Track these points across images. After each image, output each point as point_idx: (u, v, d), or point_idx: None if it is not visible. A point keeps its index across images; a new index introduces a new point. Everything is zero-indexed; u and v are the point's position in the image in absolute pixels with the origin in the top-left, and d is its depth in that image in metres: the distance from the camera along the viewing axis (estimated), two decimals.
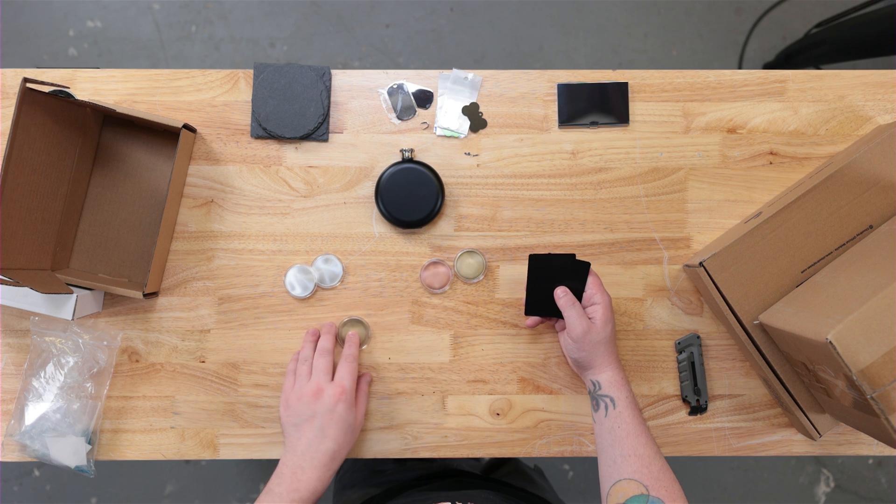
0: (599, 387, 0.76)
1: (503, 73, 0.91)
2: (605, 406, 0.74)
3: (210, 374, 0.89)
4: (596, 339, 0.76)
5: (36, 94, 0.76)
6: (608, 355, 0.77)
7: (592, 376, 0.77)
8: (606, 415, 0.74)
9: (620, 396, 0.74)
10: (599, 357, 0.77)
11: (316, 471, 0.73)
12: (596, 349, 0.76)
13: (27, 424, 0.85)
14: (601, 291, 0.78)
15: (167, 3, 1.83)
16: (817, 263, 0.80)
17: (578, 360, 0.78)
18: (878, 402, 0.64)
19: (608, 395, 0.74)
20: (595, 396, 0.76)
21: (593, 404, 0.76)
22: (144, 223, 0.89)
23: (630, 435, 0.71)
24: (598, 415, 0.75)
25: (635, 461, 0.69)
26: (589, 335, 0.76)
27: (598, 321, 0.76)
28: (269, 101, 0.89)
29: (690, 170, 0.91)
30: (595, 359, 0.77)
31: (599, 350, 0.76)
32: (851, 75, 0.91)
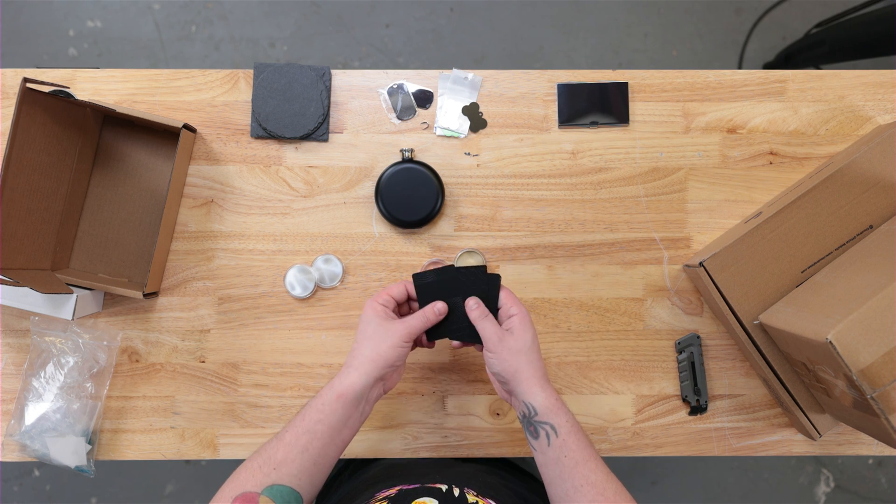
0: (535, 412, 0.68)
1: (503, 73, 0.91)
2: (545, 434, 0.68)
3: (210, 374, 0.89)
4: (515, 348, 0.70)
5: (36, 94, 0.76)
6: (533, 370, 0.70)
7: (524, 397, 0.69)
8: (549, 444, 0.67)
9: (561, 423, 0.67)
10: (524, 371, 0.69)
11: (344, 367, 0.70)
12: (517, 359, 0.69)
13: (27, 424, 0.85)
14: (517, 304, 0.72)
15: (167, 3, 1.83)
16: (817, 263, 0.80)
17: (501, 374, 0.70)
18: (878, 402, 0.64)
19: (547, 423, 0.68)
20: (532, 423, 0.69)
21: (530, 431, 0.69)
22: (144, 223, 0.89)
23: (579, 464, 0.66)
24: (538, 443, 0.68)
25: (590, 490, 0.64)
26: (505, 342, 0.70)
27: (516, 330, 0.70)
28: (269, 101, 0.89)
29: (690, 170, 0.91)
30: (519, 372, 0.69)
31: (521, 361, 0.70)
32: (851, 75, 0.91)
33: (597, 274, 0.90)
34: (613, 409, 0.90)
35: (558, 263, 0.90)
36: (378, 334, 0.70)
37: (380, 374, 0.69)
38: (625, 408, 0.90)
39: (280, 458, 0.65)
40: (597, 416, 0.90)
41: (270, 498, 0.63)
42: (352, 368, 0.69)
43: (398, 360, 0.70)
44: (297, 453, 0.65)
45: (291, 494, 0.64)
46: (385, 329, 0.70)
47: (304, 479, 0.65)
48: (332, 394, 0.68)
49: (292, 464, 0.65)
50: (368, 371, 0.69)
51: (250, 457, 0.66)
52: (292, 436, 0.66)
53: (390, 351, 0.69)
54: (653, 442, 0.90)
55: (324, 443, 0.66)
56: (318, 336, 0.89)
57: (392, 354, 0.69)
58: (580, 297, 0.90)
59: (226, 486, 0.64)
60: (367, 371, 0.69)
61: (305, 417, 0.67)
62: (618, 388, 0.90)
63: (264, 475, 0.63)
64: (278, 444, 0.66)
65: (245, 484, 0.63)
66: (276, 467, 0.64)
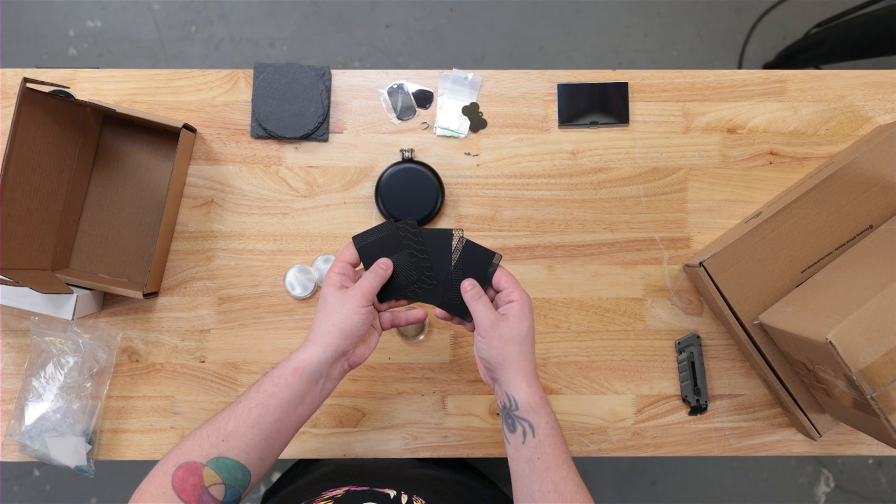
0: (516, 406, 0.66)
1: (503, 73, 0.91)
2: (522, 431, 0.65)
3: (210, 374, 0.89)
4: (508, 336, 0.66)
5: (36, 94, 0.76)
6: (523, 362, 0.67)
7: (508, 389, 0.66)
8: (524, 442, 0.65)
9: (540, 423, 0.65)
10: (513, 362, 0.66)
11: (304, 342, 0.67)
12: (508, 348, 0.66)
13: (27, 424, 0.85)
14: (518, 290, 0.69)
15: (167, 3, 1.83)
16: (817, 263, 0.80)
17: (488, 360, 0.67)
18: (878, 402, 0.64)
19: (526, 420, 0.65)
20: (511, 416, 0.66)
21: (508, 423, 0.66)
22: (144, 223, 0.89)
23: (550, 469, 0.63)
24: (513, 437, 0.66)
25: (556, 498, 0.62)
26: (498, 328, 0.66)
27: (513, 317, 0.67)
28: (269, 101, 0.89)
29: (690, 170, 0.91)
30: (508, 362, 0.66)
31: (512, 351, 0.66)
32: (851, 75, 0.91)
33: (597, 274, 0.90)
34: (613, 409, 0.90)
35: (558, 263, 0.90)
36: (333, 305, 0.66)
37: (340, 348, 0.65)
38: (625, 408, 0.90)
39: (230, 430, 0.61)
40: (597, 416, 0.90)
41: (215, 470, 0.60)
42: (310, 342, 0.65)
43: (358, 329, 0.66)
44: (248, 426, 0.62)
45: (238, 469, 0.61)
46: (340, 298, 0.66)
47: (254, 454, 0.62)
48: (288, 367, 0.64)
49: (242, 437, 0.61)
50: (326, 345, 0.64)
51: (201, 424, 0.63)
52: (244, 407, 0.62)
53: (347, 320, 0.65)
54: (653, 442, 0.90)
55: (276, 418, 0.63)
56: None
57: (350, 323, 0.65)
58: (580, 297, 0.90)
59: (171, 453, 0.61)
60: (325, 344, 0.64)
61: (260, 389, 0.63)
62: (618, 388, 0.90)
63: (211, 446, 0.60)
64: (230, 414, 0.62)
65: (190, 453, 0.60)
66: (225, 439, 0.61)
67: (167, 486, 0.59)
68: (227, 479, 0.61)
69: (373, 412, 0.89)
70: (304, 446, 0.89)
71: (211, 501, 0.60)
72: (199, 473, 0.59)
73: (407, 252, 0.70)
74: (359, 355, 0.69)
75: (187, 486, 0.59)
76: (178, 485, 0.59)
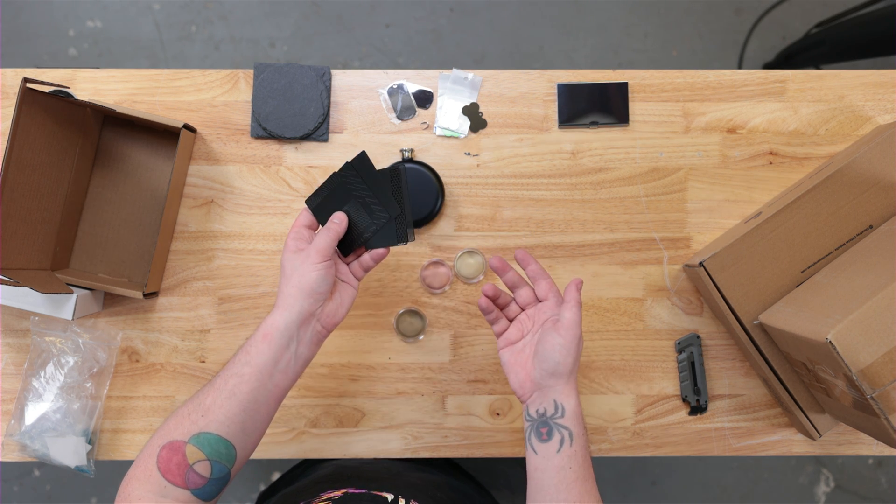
0: (562, 413, 0.64)
1: (503, 73, 0.91)
2: (560, 439, 0.63)
3: (210, 374, 0.89)
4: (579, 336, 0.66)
5: (36, 94, 0.76)
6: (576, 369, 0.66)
7: (558, 396, 0.64)
8: (559, 450, 0.63)
9: (579, 433, 0.64)
10: (573, 366, 0.65)
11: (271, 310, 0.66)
12: (576, 350, 0.65)
13: (27, 424, 0.85)
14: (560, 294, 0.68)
15: (167, 3, 1.83)
16: (817, 263, 0.80)
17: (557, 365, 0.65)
18: (878, 402, 0.64)
19: (568, 428, 0.63)
20: (551, 424, 0.64)
21: (542, 433, 0.64)
22: (144, 223, 0.89)
23: (580, 479, 0.63)
24: (545, 446, 0.64)
25: None
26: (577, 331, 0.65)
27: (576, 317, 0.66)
28: (269, 101, 0.89)
29: (690, 170, 0.91)
30: (572, 369, 0.65)
31: (576, 354, 0.65)
32: (851, 75, 0.91)
33: (597, 274, 0.90)
34: (613, 409, 0.90)
35: (558, 263, 0.90)
36: (290, 268, 0.65)
37: (305, 308, 0.64)
38: (625, 408, 0.90)
39: (208, 404, 0.60)
40: (597, 416, 0.90)
41: (197, 447, 0.59)
42: (275, 308, 0.65)
43: (319, 286, 0.64)
44: (225, 398, 0.61)
45: (220, 442, 0.60)
46: (296, 259, 0.65)
47: (235, 427, 0.61)
48: (258, 335, 0.63)
49: (220, 410, 0.60)
50: (290, 306, 0.64)
51: (182, 403, 0.62)
52: (221, 380, 0.62)
53: (305, 277, 0.64)
54: (653, 442, 0.90)
55: (252, 387, 0.61)
56: None
57: (309, 280, 0.64)
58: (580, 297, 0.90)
59: (155, 436, 0.61)
60: (288, 306, 0.64)
61: (235, 361, 0.63)
62: (618, 388, 0.90)
63: (192, 422, 0.60)
64: (209, 388, 0.62)
65: (173, 432, 0.59)
66: (204, 413, 0.60)
67: (153, 467, 0.58)
68: (211, 454, 0.60)
69: (373, 412, 0.89)
70: (303, 446, 0.89)
71: (197, 479, 0.59)
72: (181, 451, 0.59)
73: (357, 200, 0.70)
74: (330, 314, 0.67)
75: (172, 466, 0.58)
76: (163, 465, 0.58)
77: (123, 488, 0.59)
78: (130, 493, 0.58)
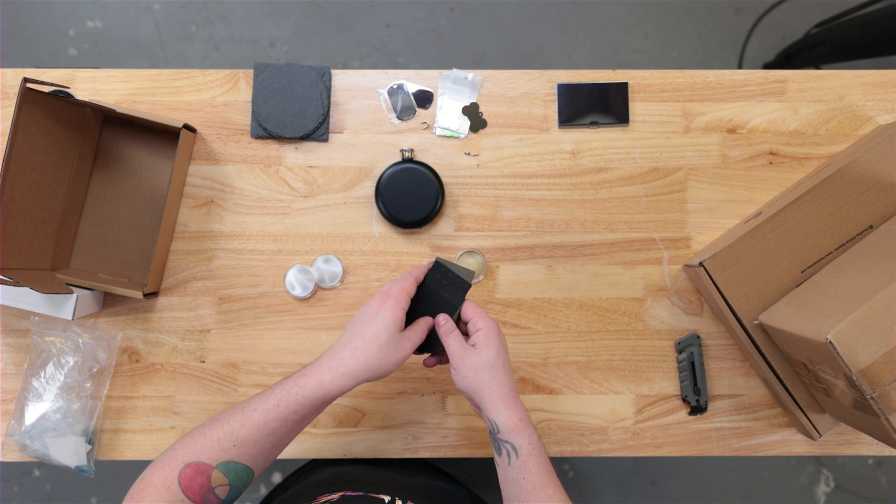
0: (498, 429, 0.67)
1: (503, 73, 0.91)
2: (506, 453, 0.67)
3: (210, 374, 0.89)
4: (477, 364, 0.68)
5: (36, 94, 0.76)
6: (497, 387, 0.68)
7: (488, 414, 0.68)
8: (510, 463, 0.67)
9: (522, 444, 0.66)
10: (486, 388, 0.68)
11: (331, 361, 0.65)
12: (479, 376, 0.68)
13: (27, 424, 0.85)
14: (483, 318, 0.70)
15: (167, 3, 1.83)
16: (817, 263, 0.80)
17: (464, 391, 0.69)
18: (878, 402, 0.64)
19: (509, 442, 0.67)
20: (496, 440, 0.68)
21: (495, 447, 0.69)
22: (144, 223, 0.89)
23: (536, 488, 0.65)
24: (500, 459, 0.68)
25: None
26: (467, 359, 0.68)
27: (480, 345, 0.68)
28: (269, 101, 0.89)
29: (690, 170, 0.91)
30: (482, 389, 0.68)
31: (483, 378, 0.68)
32: (851, 75, 0.91)
33: (597, 274, 0.90)
34: (613, 409, 0.90)
35: (558, 263, 0.90)
36: (390, 348, 0.65)
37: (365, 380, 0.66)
38: (625, 408, 0.90)
39: (243, 437, 0.62)
40: (597, 416, 0.90)
41: (224, 473, 0.61)
42: (347, 370, 0.64)
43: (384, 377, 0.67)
44: (262, 436, 0.62)
45: (245, 472, 0.62)
46: (396, 344, 0.66)
47: (262, 459, 0.63)
48: (317, 392, 0.64)
49: (254, 445, 0.62)
50: (360, 378, 0.65)
51: (211, 423, 0.63)
52: (261, 418, 0.63)
53: (390, 367, 0.66)
54: (653, 442, 0.90)
55: (291, 429, 0.64)
56: (318, 336, 0.89)
57: (389, 370, 0.66)
58: (580, 297, 0.90)
59: (179, 449, 0.61)
60: (359, 378, 0.65)
61: (280, 404, 0.63)
62: (618, 388, 0.90)
63: (222, 450, 0.61)
64: (244, 421, 0.62)
65: (200, 454, 0.61)
66: (237, 444, 0.61)
67: (173, 481, 0.59)
68: (234, 480, 0.62)
69: (373, 412, 0.89)
70: (303, 446, 0.89)
71: (214, 500, 0.61)
72: (207, 475, 0.60)
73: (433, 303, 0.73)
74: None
75: (194, 485, 0.60)
76: (185, 482, 0.60)
77: (138, 491, 0.60)
78: (145, 497, 0.59)
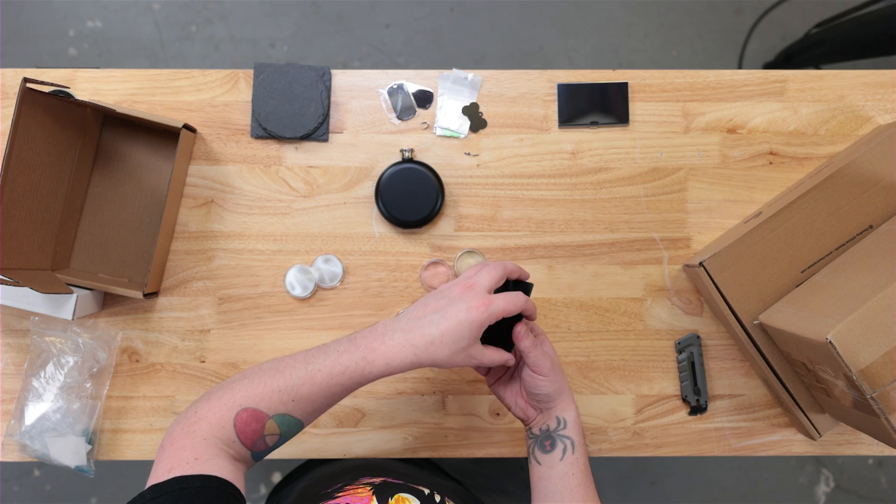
0: (564, 426, 0.69)
1: (503, 73, 0.91)
2: (563, 448, 0.68)
3: (210, 374, 0.89)
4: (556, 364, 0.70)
5: (36, 94, 0.76)
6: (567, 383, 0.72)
7: (560, 412, 0.69)
8: (562, 458, 0.68)
9: (580, 441, 0.69)
10: (566, 387, 0.71)
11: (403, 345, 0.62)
12: (560, 376, 0.70)
13: (27, 424, 0.85)
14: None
15: (167, 3, 1.83)
16: (817, 263, 0.80)
17: (549, 395, 0.69)
18: (878, 402, 0.64)
19: (570, 437, 0.68)
20: (555, 436, 0.69)
21: (545, 445, 0.69)
22: (144, 223, 0.89)
23: (582, 484, 0.67)
24: (549, 457, 0.68)
25: None
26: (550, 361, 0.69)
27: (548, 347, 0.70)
28: (269, 101, 0.89)
29: (690, 170, 0.91)
30: (563, 389, 0.70)
31: (563, 378, 0.71)
32: (851, 75, 0.91)
33: (597, 274, 0.90)
34: (613, 409, 0.90)
35: (558, 263, 0.90)
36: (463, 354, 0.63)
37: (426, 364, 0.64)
38: (625, 408, 0.90)
39: (303, 394, 0.62)
40: (597, 416, 0.90)
41: (278, 424, 0.62)
42: (416, 360, 0.62)
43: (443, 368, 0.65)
44: (322, 397, 0.63)
45: (297, 426, 0.64)
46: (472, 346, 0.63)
47: (314, 416, 0.64)
48: (384, 372, 0.62)
49: (311, 404, 0.63)
50: (424, 362, 0.62)
51: (271, 371, 0.63)
52: (325, 381, 0.62)
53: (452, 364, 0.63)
54: (653, 442, 0.90)
55: (346, 392, 0.64)
56: (318, 336, 0.89)
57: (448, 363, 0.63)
58: (580, 297, 0.90)
59: (237, 390, 0.61)
60: (423, 362, 0.62)
61: (346, 373, 0.62)
62: (618, 388, 0.90)
63: (281, 402, 0.61)
64: (307, 378, 0.62)
65: (259, 401, 0.61)
66: (296, 400, 0.62)
67: (228, 422, 0.60)
68: (285, 432, 0.63)
69: (373, 412, 0.89)
70: (303, 446, 0.89)
71: (262, 446, 0.63)
72: (262, 422, 0.61)
73: None
74: None
75: (248, 430, 0.61)
76: (240, 426, 0.61)
77: (190, 424, 0.60)
78: (198, 430, 0.60)
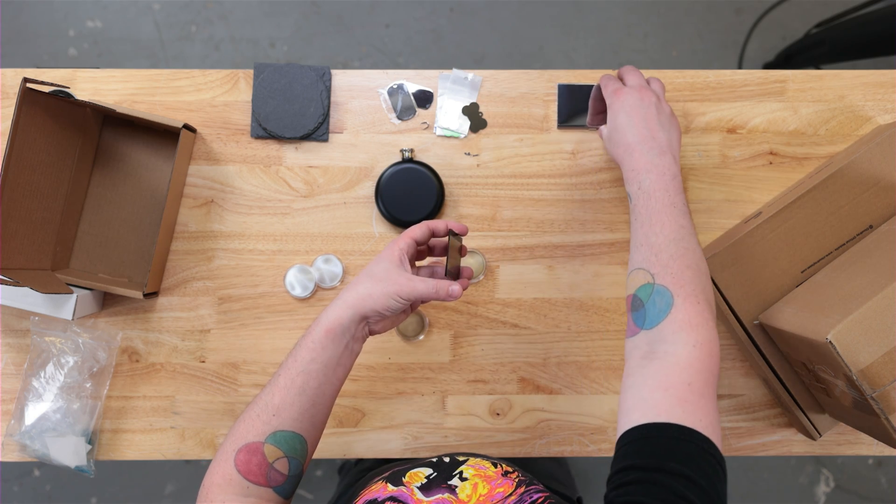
0: (626, 180, 0.69)
1: (503, 73, 0.91)
2: (632, 193, 0.67)
3: (210, 374, 0.89)
4: (616, 139, 0.71)
5: (36, 94, 0.76)
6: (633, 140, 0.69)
7: (623, 168, 0.70)
8: (631, 201, 0.67)
9: (650, 179, 0.66)
10: (632, 153, 0.69)
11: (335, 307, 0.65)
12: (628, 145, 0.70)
13: (27, 424, 0.85)
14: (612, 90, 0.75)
15: (167, 3, 1.83)
16: (817, 263, 0.80)
17: (614, 156, 0.72)
18: (878, 402, 0.64)
19: (638, 181, 0.67)
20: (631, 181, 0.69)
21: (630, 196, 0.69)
22: (144, 223, 0.89)
23: (644, 224, 0.64)
24: (630, 206, 0.68)
25: (646, 250, 0.63)
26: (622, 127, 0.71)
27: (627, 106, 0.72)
28: (269, 101, 0.89)
29: (690, 170, 0.91)
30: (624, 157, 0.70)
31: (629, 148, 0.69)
32: (851, 75, 0.91)
33: (597, 274, 0.90)
34: (613, 409, 0.90)
35: (558, 263, 0.90)
36: (380, 277, 0.65)
37: (364, 314, 0.65)
38: None
39: (277, 403, 0.62)
40: (597, 416, 0.90)
41: (275, 445, 0.61)
42: (341, 301, 0.64)
43: (386, 311, 0.65)
44: (295, 395, 0.62)
45: (295, 438, 0.62)
46: (390, 275, 0.65)
47: (306, 422, 0.63)
48: (320, 330, 0.64)
49: (291, 407, 0.62)
50: (355, 306, 0.64)
51: (245, 410, 0.63)
52: (286, 378, 0.63)
53: (382, 298, 0.64)
54: None
55: (319, 382, 0.63)
56: None
57: (382, 302, 0.64)
58: (580, 297, 0.90)
59: (226, 443, 0.61)
60: (353, 305, 0.64)
61: (297, 358, 0.63)
62: (618, 388, 0.90)
63: (264, 423, 0.61)
64: (273, 388, 0.63)
65: (246, 435, 0.61)
66: (276, 413, 0.61)
67: (232, 471, 0.60)
68: (288, 451, 0.62)
69: (373, 412, 0.89)
70: None
71: (278, 477, 0.61)
72: (260, 452, 0.60)
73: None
74: (378, 327, 0.69)
75: (252, 467, 0.60)
76: (243, 467, 0.60)
77: (204, 496, 0.60)
78: (213, 499, 0.59)
